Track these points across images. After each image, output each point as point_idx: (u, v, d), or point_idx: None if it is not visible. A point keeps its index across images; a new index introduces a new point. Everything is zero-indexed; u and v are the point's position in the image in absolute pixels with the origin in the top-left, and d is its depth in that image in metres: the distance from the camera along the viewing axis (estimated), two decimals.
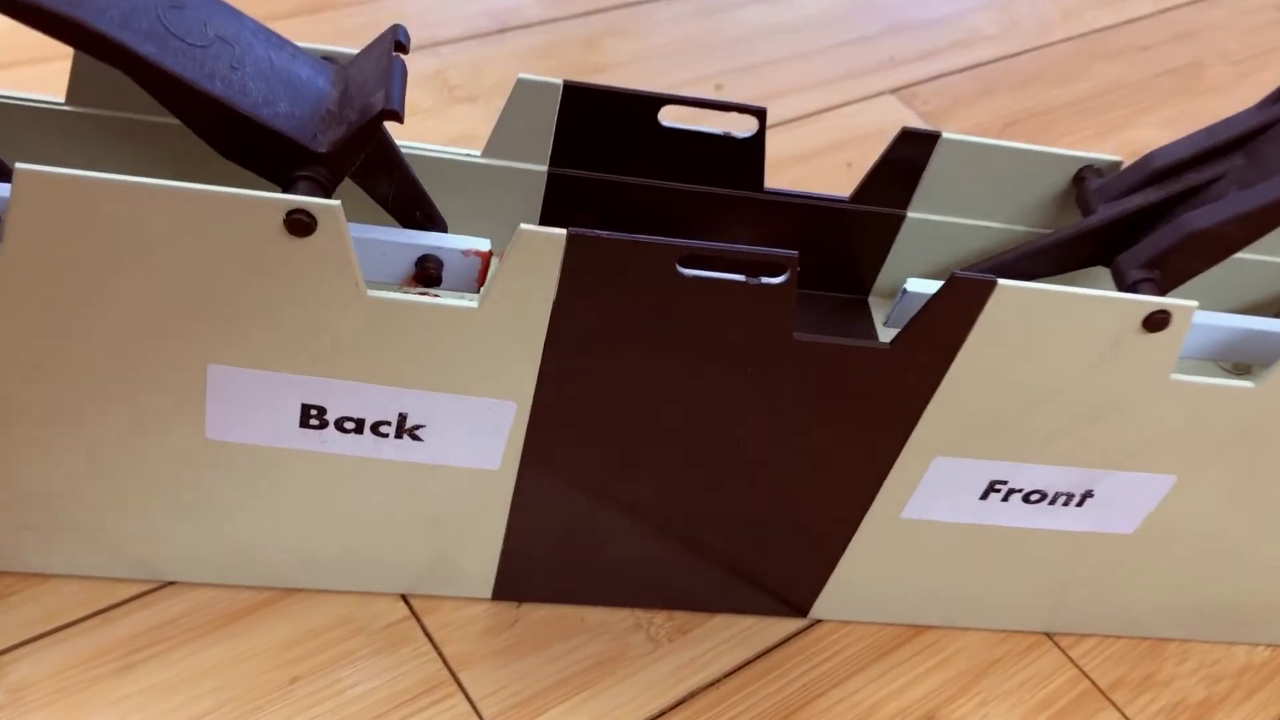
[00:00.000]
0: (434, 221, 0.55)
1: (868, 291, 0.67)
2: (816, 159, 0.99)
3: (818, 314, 0.65)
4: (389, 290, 0.48)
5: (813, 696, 0.62)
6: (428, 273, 0.52)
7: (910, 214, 0.63)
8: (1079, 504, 0.59)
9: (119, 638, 0.57)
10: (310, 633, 0.59)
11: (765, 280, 0.47)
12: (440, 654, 0.60)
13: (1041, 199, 0.64)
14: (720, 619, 0.65)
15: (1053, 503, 0.59)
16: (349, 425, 0.52)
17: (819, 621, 0.65)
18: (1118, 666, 0.67)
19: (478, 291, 0.54)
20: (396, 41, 0.48)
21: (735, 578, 0.62)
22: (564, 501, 0.57)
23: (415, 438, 0.53)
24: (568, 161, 0.60)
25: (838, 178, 0.96)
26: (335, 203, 0.44)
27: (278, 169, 0.47)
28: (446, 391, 0.51)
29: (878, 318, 0.67)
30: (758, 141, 0.59)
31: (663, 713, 0.60)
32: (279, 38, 0.50)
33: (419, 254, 0.52)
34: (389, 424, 0.52)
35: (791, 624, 0.65)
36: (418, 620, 0.61)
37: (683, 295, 0.47)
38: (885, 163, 0.61)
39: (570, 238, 0.45)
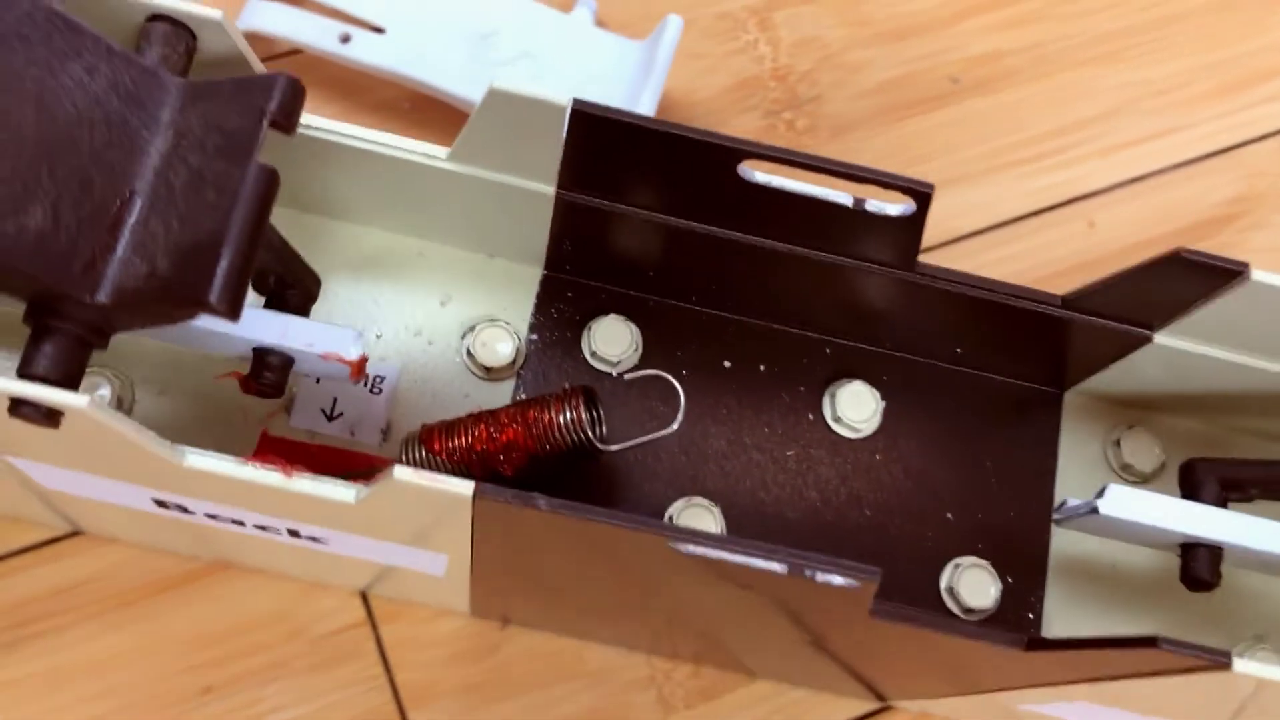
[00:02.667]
0: (297, 287, 0.34)
1: (1064, 386, 0.43)
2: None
3: (979, 399, 0.42)
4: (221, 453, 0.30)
5: None
6: (261, 381, 0.33)
7: (1159, 339, 0.38)
8: None
9: (7, 601, 0.47)
10: (237, 627, 0.47)
11: (824, 578, 0.28)
12: (391, 681, 0.48)
13: None
14: (762, 685, 0.50)
15: None
16: (224, 519, 0.36)
17: (890, 708, 0.50)
18: None
19: (355, 382, 0.35)
20: (273, 117, 0.25)
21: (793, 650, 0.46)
22: (545, 596, 0.41)
23: (317, 541, 0.37)
24: (585, 185, 0.37)
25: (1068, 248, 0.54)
26: (79, 401, 0.26)
27: (32, 303, 0.28)
28: (344, 532, 0.34)
29: (1067, 433, 0.43)
30: (915, 220, 0.34)
31: None
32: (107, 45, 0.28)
33: (252, 346, 0.33)
34: (276, 530, 0.36)
35: (857, 705, 0.50)
36: (373, 629, 0.48)
37: (684, 568, 0.28)
38: (1136, 276, 0.35)
39: (480, 501, 0.26)
